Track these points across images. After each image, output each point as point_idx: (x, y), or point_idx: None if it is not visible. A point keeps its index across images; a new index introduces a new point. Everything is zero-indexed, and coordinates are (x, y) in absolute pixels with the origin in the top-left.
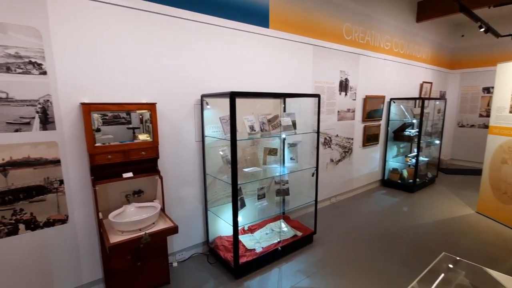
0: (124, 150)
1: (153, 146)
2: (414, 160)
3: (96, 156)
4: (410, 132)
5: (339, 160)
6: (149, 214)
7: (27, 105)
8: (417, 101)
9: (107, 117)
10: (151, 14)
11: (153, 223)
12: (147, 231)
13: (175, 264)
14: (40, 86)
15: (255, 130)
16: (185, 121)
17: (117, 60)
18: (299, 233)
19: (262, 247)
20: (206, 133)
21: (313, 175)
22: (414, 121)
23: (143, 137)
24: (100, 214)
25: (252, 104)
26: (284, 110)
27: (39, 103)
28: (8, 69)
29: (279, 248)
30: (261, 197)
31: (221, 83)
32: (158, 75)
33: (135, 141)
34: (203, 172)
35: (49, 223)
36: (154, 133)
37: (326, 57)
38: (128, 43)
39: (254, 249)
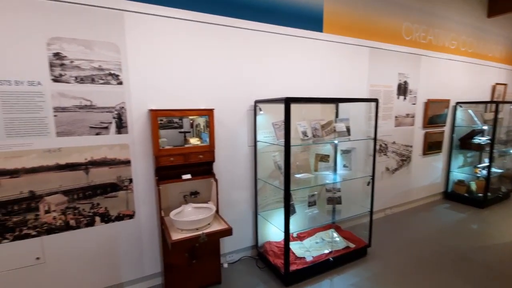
0: (184, 153)
1: (209, 150)
2: (484, 172)
3: (161, 158)
4: (480, 139)
5: (396, 169)
6: (205, 214)
7: (106, 112)
8: (489, 105)
9: (162, 122)
10: (208, 25)
11: (209, 224)
12: (204, 231)
13: (225, 265)
14: (117, 95)
15: (307, 136)
16: (238, 127)
17: (178, 69)
18: (352, 245)
19: (313, 256)
20: (258, 138)
21: (368, 184)
22: (485, 127)
23: (193, 141)
24: (162, 212)
25: (299, 110)
26: (337, 116)
27: (116, 110)
28: (92, 80)
29: (331, 259)
30: (311, 204)
31: (273, 89)
32: (214, 82)
33: (194, 144)
34: (255, 177)
35: (119, 217)
36: (210, 137)
37: (383, 59)
38: (187, 54)
39: (304, 258)
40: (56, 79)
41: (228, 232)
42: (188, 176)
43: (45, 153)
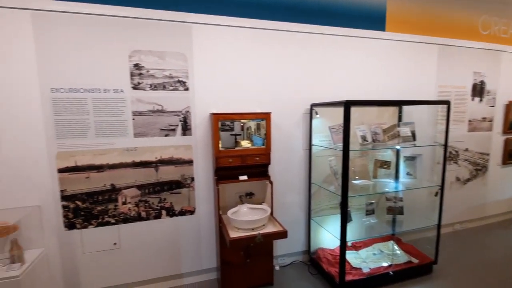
0: (242, 155)
1: (266, 153)
2: None
3: (220, 159)
4: None
5: (468, 180)
6: (260, 215)
7: (174, 115)
8: None
9: None
10: (266, 31)
11: (264, 225)
12: (259, 232)
13: (277, 268)
14: (183, 100)
15: (367, 141)
16: (293, 130)
17: (236, 75)
18: (415, 260)
19: (370, 268)
20: (314, 142)
21: (436, 195)
22: None
23: (244, 143)
24: (220, 210)
25: (351, 113)
26: (400, 119)
27: (182, 114)
28: (164, 87)
29: (391, 272)
30: (369, 213)
31: (331, 91)
32: (270, 86)
33: (249, 147)
34: (309, 181)
35: (182, 213)
36: (267, 140)
37: (455, 57)
38: (245, 60)
39: (360, 268)
40: (135, 87)
41: (283, 234)
42: (245, 177)
43: (124, 151)
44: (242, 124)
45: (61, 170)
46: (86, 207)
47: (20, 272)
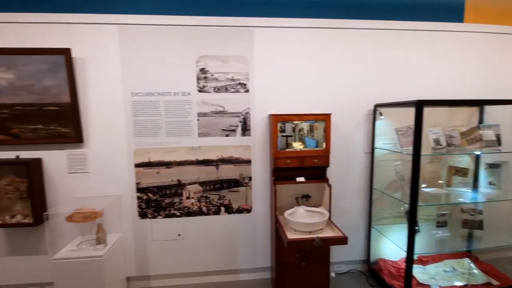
0: (300, 156)
1: (324, 155)
2: None
3: (278, 160)
4: None
5: None
6: (317, 219)
7: (234, 116)
8: None
9: None
10: (324, 30)
11: (321, 229)
12: (317, 235)
13: (332, 275)
14: (243, 102)
15: (440, 145)
16: (354, 132)
17: (294, 76)
18: (495, 282)
19: (440, 286)
20: (377, 145)
21: None
22: None
23: (296, 145)
24: (276, 211)
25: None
26: (480, 121)
27: (242, 115)
28: (226, 89)
29: None
30: (440, 225)
31: (396, 91)
32: (329, 87)
33: (314, 148)
34: (370, 186)
35: (239, 210)
36: (326, 142)
37: None
38: (303, 60)
39: (428, 285)
40: (200, 90)
41: (343, 240)
42: (302, 179)
43: (189, 150)
44: (293, 126)
45: (137, 165)
46: (156, 199)
47: (103, 252)
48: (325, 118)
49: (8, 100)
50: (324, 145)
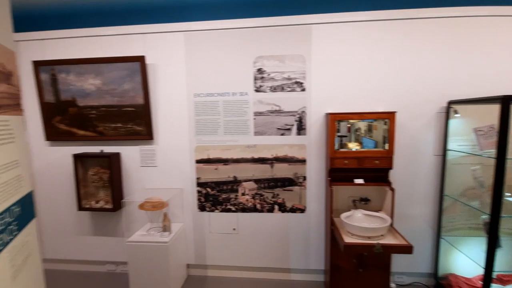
0: (359, 157)
1: (387, 156)
2: None
3: (335, 160)
4: None
5: None
6: (378, 224)
7: (290, 115)
8: None
9: None
10: (386, 22)
11: (382, 235)
12: (378, 241)
13: (393, 285)
14: (299, 100)
15: None
16: (422, 131)
17: (354, 72)
18: None
19: None
20: (450, 146)
21: None
22: None
23: (352, 145)
24: (332, 212)
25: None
26: None
27: (298, 114)
28: (282, 88)
29: None
30: None
31: (473, 85)
32: (393, 83)
33: (373, 148)
34: (440, 192)
35: (292, 210)
36: (390, 143)
37: None
38: (364, 55)
39: None
40: (257, 90)
41: (407, 249)
42: (361, 181)
43: (245, 148)
44: (349, 125)
45: (197, 161)
46: (214, 194)
47: (168, 239)
48: (389, 116)
49: (96, 102)
50: (386, 145)
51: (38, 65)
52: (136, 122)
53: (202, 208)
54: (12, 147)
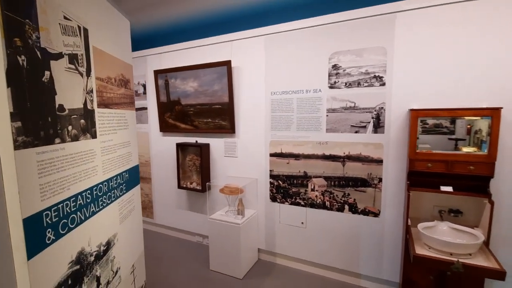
0: (447, 161)
1: (486, 162)
2: None
3: (416, 162)
4: None
5: None
6: (467, 241)
7: (365, 112)
8: None
9: (427, 126)
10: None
11: (470, 254)
12: (459, 259)
13: None
14: (377, 96)
15: None
16: None
17: (447, 62)
18: None
19: None
20: None
21: None
22: None
23: (468, 150)
24: (409, 220)
25: None
26: None
27: (375, 110)
28: (358, 84)
29: None
30: None
31: None
32: (495, 74)
33: (463, 151)
34: None
35: (364, 212)
36: (491, 145)
37: None
38: (454, 43)
39: None
40: (331, 86)
41: (497, 275)
42: (449, 188)
43: (316, 144)
44: (468, 126)
45: (271, 155)
46: (285, 187)
47: (241, 221)
48: (491, 114)
49: (193, 101)
50: (486, 149)
51: (157, 73)
52: (222, 117)
53: (273, 198)
54: (126, 132)
